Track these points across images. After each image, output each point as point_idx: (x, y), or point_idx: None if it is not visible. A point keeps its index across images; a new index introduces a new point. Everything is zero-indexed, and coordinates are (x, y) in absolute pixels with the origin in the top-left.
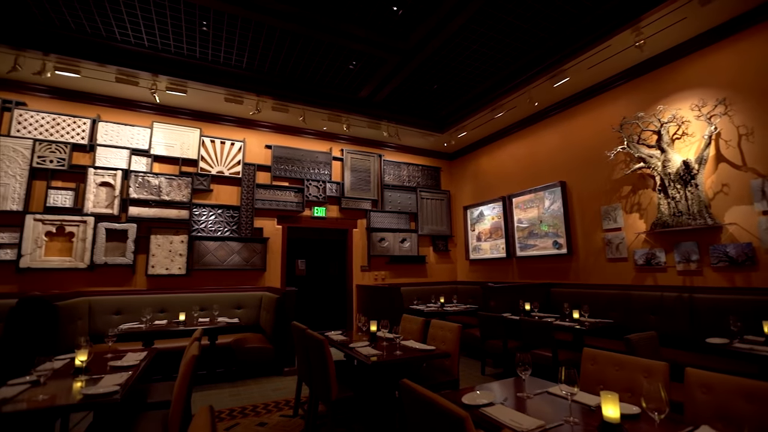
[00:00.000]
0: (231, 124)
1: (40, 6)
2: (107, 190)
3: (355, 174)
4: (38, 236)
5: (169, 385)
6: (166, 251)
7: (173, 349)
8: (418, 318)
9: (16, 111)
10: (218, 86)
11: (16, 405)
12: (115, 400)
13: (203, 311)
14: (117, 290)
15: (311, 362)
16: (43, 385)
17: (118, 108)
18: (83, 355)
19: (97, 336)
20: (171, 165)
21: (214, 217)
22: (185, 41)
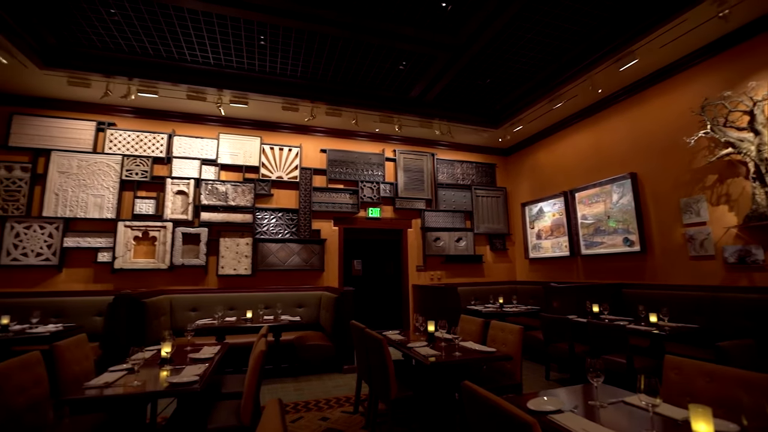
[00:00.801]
0: (288, 131)
1: (125, 37)
2: (182, 197)
3: (408, 174)
4: (128, 241)
5: (240, 378)
6: (233, 253)
7: (242, 344)
8: (477, 319)
9: (108, 131)
10: (276, 96)
11: (115, 389)
12: (195, 389)
13: (267, 309)
14: (193, 289)
15: (370, 361)
16: (137, 373)
17: (189, 123)
18: (168, 347)
19: (177, 330)
20: (236, 172)
21: (275, 220)
22: (245, 56)
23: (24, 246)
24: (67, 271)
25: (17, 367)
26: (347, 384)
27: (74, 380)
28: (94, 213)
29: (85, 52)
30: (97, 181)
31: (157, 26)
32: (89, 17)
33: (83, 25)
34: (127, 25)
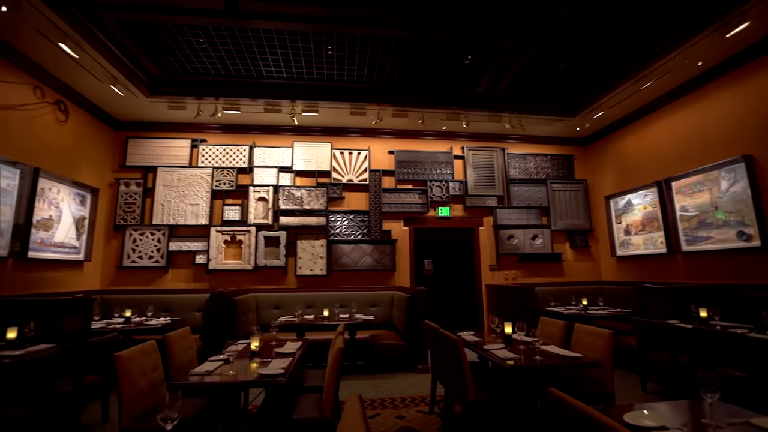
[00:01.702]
0: (356, 135)
1: (211, 62)
2: (263, 203)
3: (478, 171)
4: (219, 244)
5: (319, 373)
6: (309, 254)
7: (320, 341)
8: (558, 321)
9: (200, 147)
10: (344, 102)
11: (214, 377)
12: (281, 381)
13: (342, 308)
14: (274, 288)
15: (445, 362)
16: (231, 363)
17: (267, 134)
18: (256, 341)
19: (263, 326)
20: (309, 178)
21: (347, 222)
22: (314, 66)
23: (139, 250)
24: (172, 271)
25: (139, 354)
26: (421, 383)
27: (181, 367)
28: (192, 220)
29: (181, 79)
30: (193, 191)
31: (237, 48)
32: (183, 48)
33: (179, 55)
34: (213, 50)
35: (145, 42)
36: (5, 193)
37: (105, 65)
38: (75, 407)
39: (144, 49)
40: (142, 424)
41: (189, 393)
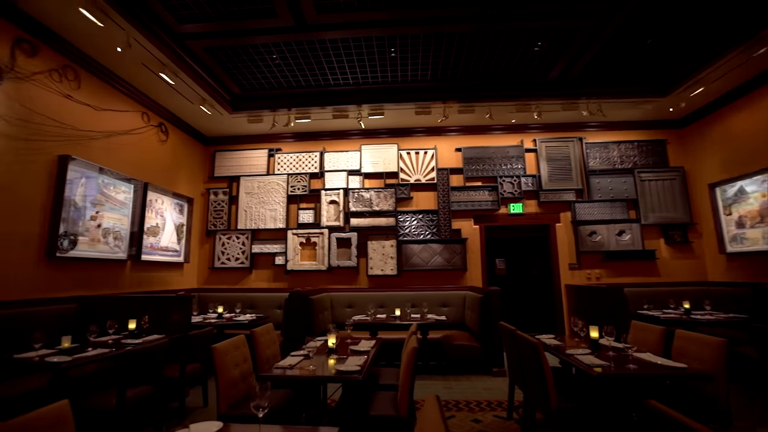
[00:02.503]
0: (422, 135)
1: (283, 75)
2: (334, 206)
3: (553, 164)
4: (296, 246)
5: (393, 371)
6: (380, 255)
7: (392, 340)
8: (655, 326)
9: (276, 155)
10: (408, 102)
11: (294, 371)
12: (357, 378)
13: (414, 308)
14: (347, 288)
15: (523, 366)
16: (311, 359)
17: (336, 139)
18: (333, 338)
19: (337, 324)
20: (377, 179)
21: (416, 222)
22: (379, 70)
23: (228, 252)
24: (255, 272)
25: (231, 346)
26: (497, 387)
27: (266, 360)
28: (271, 224)
29: (257, 94)
30: (271, 197)
31: (306, 60)
32: (259, 65)
33: (255, 72)
34: (285, 65)
35: (227, 64)
36: (123, 205)
37: (195, 88)
38: (181, 391)
39: (226, 70)
40: (237, 410)
41: (274, 384)
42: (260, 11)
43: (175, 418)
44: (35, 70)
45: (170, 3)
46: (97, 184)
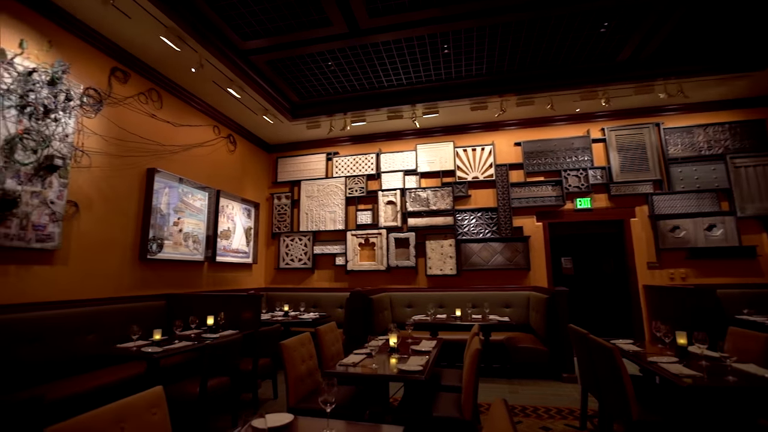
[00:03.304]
0: (479, 131)
1: (339, 80)
2: (392, 207)
3: (625, 153)
4: (355, 247)
5: (454, 372)
6: (438, 254)
7: (453, 341)
8: (758, 334)
9: (334, 159)
10: (463, 98)
11: (357, 369)
12: (420, 378)
13: (475, 308)
14: (406, 287)
15: (598, 372)
16: (373, 357)
17: (391, 140)
18: (394, 338)
19: (399, 324)
20: (434, 178)
21: (475, 221)
22: (432, 68)
23: (291, 254)
24: (317, 272)
25: (298, 343)
26: (567, 394)
27: (331, 357)
28: (330, 226)
29: (315, 101)
30: (330, 200)
31: (360, 64)
32: (315, 73)
33: (312, 80)
34: (340, 71)
35: (286, 74)
36: (200, 212)
37: (258, 100)
38: (254, 383)
39: (286, 80)
40: (305, 404)
41: (339, 381)
42: (315, 21)
43: (249, 408)
44: (127, 95)
45: (235, 23)
46: (178, 192)
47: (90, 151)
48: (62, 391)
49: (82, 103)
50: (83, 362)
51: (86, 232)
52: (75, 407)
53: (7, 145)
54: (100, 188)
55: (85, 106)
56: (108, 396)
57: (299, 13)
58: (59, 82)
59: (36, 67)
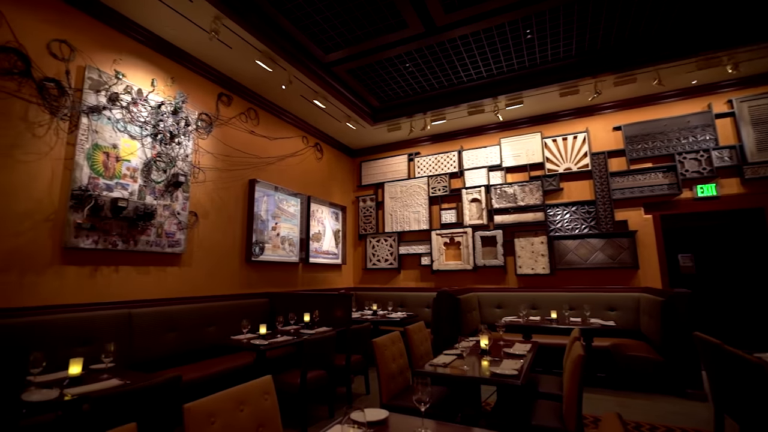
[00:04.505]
0: (569, 118)
1: (417, 81)
2: (476, 204)
3: (763, 127)
4: (440, 246)
5: (553, 379)
6: (529, 252)
7: (549, 345)
8: None
9: (416, 159)
10: (550, 85)
11: (447, 369)
12: (515, 383)
13: (572, 310)
14: (494, 287)
15: (738, 392)
16: (463, 359)
17: (473, 136)
18: (485, 339)
19: (489, 325)
20: (520, 173)
21: (569, 216)
22: (514, 56)
23: (377, 254)
24: (403, 272)
25: (389, 341)
26: (693, 413)
27: (420, 357)
28: (415, 226)
29: (394, 104)
30: (413, 200)
31: (437, 62)
32: (394, 76)
33: (391, 83)
34: (418, 71)
35: (366, 81)
36: (293, 217)
37: (341, 108)
38: (347, 378)
39: (366, 86)
40: (397, 401)
41: (431, 381)
42: (392, 25)
43: (343, 401)
44: (231, 116)
45: (318, 38)
46: (274, 200)
47: (204, 168)
48: (191, 374)
49: (197, 127)
50: (206, 350)
51: (204, 238)
52: (201, 388)
53: (145, 167)
54: (212, 199)
55: (200, 129)
56: (225, 381)
57: (376, 20)
58: (180, 111)
59: (163, 101)
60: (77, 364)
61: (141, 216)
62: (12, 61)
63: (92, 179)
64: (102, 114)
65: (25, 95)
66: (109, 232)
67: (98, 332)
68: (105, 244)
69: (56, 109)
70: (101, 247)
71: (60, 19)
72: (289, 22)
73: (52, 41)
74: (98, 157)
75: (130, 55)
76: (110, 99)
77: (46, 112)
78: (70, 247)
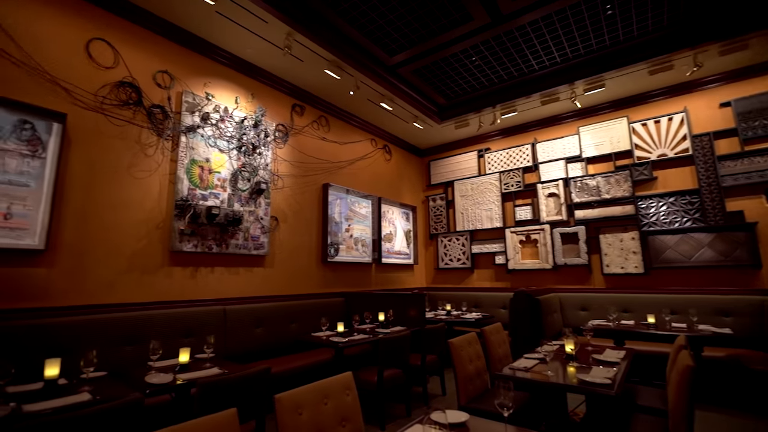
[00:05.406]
0: (662, 98)
1: (484, 74)
2: (554, 199)
3: None
4: (515, 245)
5: (652, 391)
6: (617, 250)
7: (646, 353)
8: None
9: (486, 155)
10: (637, 63)
11: (527, 374)
12: (609, 393)
13: (674, 315)
14: (578, 288)
15: None
16: (547, 364)
17: (547, 127)
18: (571, 344)
19: (574, 328)
20: (604, 163)
21: (665, 207)
22: (592, 36)
23: (449, 254)
24: (477, 271)
25: (465, 342)
26: None
27: (498, 360)
28: (487, 224)
29: (461, 100)
30: (484, 197)
31: (505, 52)
32: (460, 72)
33: (457, 79)
34: (485, 63)
35: (431, 79)
36: (365, 218)
37: (408, 108)
38: (423, 378)
39: (431, 85)
40: (475, 404)
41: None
42: (456, 20)
43: (419, 401)
44: (303, 125)
45: (382, 42)
46: (347, 202)
47: (282, 175)
48: (277, 366)
49: (275, 137)
50: (289, 345)
51: (284, 240)
52: (286, 381)
53: (233, 177)
54: (290, 204)
55: (277, 139)
56: (306, 375)
57: (439, 17)
58: (260, 124)
59: (245, 116)
60: (185, 353)
61: (230, 222)
62: (128, 93)
63: (191, 190)
64: (196, 132)
65: (138, 121)
66: (205, 236)
67: (199, 326)
68: (202, 247)
69: (161, 131)
70: (199, 250)
71: (161, 52)
72: (355, 30)
73: (156, 72)
74: (194, 170)
75: (217, 77)
76: (202, 118)
77: (154, 134)
78: (176, 250)
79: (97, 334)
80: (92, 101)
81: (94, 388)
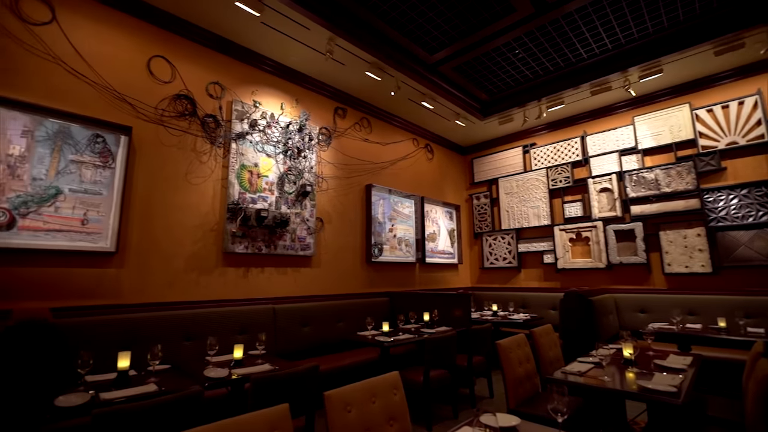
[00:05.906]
0: (730, 80)
1: (528, 66)
2: (607, 194)
3: None
4: (564, 243)
5: (724, 402)
6: (680, 247)
7: (716, 359)
8: None
9: (531, 151)
10: (700, 45)
11: (580, 378)
12: (675, 402)
13: (749, 318)
14: (635, 288)
15: None
16: (603, 368)
17: (597, 118)
18: (629, 348)
19: (633, 332)
20: (663, 154)
21: (737, 200)
22: (647, 18)
23: (494, 253)
24: (524, 271)
25: (514, 344)
26: None
27: (549, 363)
28: (534, 221)
29: (504, 95)
30: (531, 194)
31: (551, 42)
32: (503, 66)
33: (500, 74)
34: (529, 55)
35: (473, 75)
36: (408, 218)
37: (449, 106)
38: (470, 379)
39: (473, 81)
40: (526, 408)
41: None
42: (498, 13)
43: (466, 402)
44: (346, 127)
45: (422, 41)
46: (390, 203)
47: (326, 177)
48: (324, 364)
49: (318, 141)
50: (335, 344)
51: (329, 241)
52: (333, 378)
53: (279, 181)
54: (334, 205)
55: (321, 143)
56: (353, 373)
57: (480, 10)
58: (304, 128)
59: (290, 121)
60: (240, 349)
61: (278, 224)
62: (184, 105)
63: (241, 194)
64: (245, 138)
65: (193, 131)
66: (255, 238)
67: (251, 323)
68: (253, 248)
69: (214, 138)
70: (250, 251)
71: (212, 64)
72: (395, 31)
73: (209, 84)
74: (244, 175)
75: (263, 85)
76: (251, 125)
77: (207, 142)
78: (229, 252)
79: (160, 330)
80: (153, 114)
81: (160, 379)
